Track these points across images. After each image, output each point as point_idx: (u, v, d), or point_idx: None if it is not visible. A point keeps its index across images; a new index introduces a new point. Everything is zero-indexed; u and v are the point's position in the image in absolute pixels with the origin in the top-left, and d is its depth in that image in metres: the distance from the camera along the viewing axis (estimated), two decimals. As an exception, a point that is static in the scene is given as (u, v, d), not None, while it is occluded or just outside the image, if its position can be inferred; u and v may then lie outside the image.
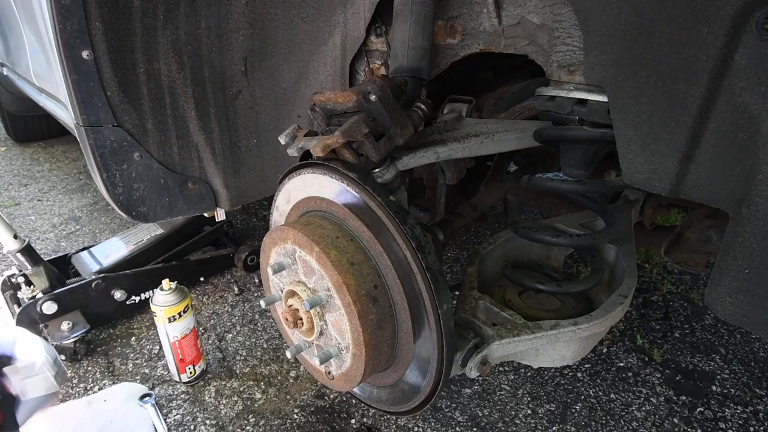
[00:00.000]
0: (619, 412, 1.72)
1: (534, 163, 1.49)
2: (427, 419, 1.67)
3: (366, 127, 0.83)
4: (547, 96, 0.90)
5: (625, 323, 2.16)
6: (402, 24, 0.98)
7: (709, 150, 0.69)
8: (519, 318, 1.00)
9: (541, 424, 1.67)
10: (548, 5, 0.87)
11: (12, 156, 4.24)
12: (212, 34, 1.23)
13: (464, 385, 1.82)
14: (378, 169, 0.91)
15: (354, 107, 0.85)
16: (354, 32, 1.12)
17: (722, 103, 0.66)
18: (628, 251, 1.21)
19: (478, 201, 1.33)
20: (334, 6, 1.14)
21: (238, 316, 2.18)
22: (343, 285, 0.82)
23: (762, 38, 0.60)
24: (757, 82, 0.62)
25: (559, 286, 1.12)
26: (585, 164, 0.98)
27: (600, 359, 1.96)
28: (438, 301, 0.79)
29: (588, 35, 0.76)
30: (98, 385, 1.79)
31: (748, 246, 0.67)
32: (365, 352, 0.84)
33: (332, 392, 1.77)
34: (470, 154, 1.01)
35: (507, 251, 1.28)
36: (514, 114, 1.18)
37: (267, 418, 1.66)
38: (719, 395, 1.80)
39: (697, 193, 0.73)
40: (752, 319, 0.70)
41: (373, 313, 0.84)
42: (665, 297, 2.35)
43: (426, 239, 0.82)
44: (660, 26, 0.68)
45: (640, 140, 0.75)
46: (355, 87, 0.85)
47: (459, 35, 1.04)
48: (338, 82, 1.21)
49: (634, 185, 0.79)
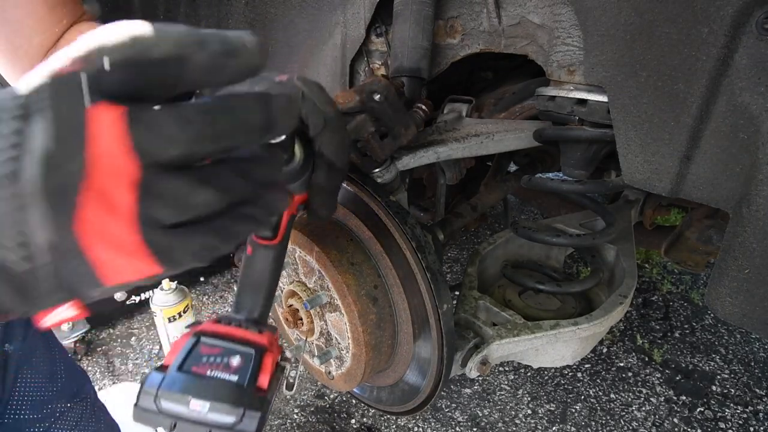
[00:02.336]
0: (619, 412, 1.72)
1: (534, 163, 1.49)
2: (427, 419, 1.67)
3: (372, 126, 0.83)
4: (547, 96, 0.90)
5: (625, 323, 2.16)
6: (402, 24, 0.98)
7: (709, 150, 0.69)
8: (519, 318, 1.00)
9: (541, 424, 1.67)
10: (548, 5, 0.87)
11: (12, 156, 4.23)
12: (212, 34, 1.23)
13: (464, 385, 1.82)
14: (378, 169, 0.91)
15: (356, 107, 0.85)
16: (354, 32, 1.12)
17: (722, 103, 0.66)
18: (628, 251, 1.21)
19: (478, 201, 1.33)
20: (334, 6, 1.14)
21: (238, 316, 2.19)
22: (343, 285, 0.82)
23: (762, 38, 0.60)
24: (757, 82, 0.62)
25: (559, 286, 1.12)
26: (585, 164, 0.98)
27: (600, 359, 1.96)
28: (438, 301, 0.79)
29: (588, 35, 0.76)
30: (98, 385, 1.79)
31: (748, 246, 0.67)
32: (365, 352, 0.84)
33: (332, 392, 1.77)
34: (470, 154, 1.01)
35: (507, 251, 1.28)
36: (514, 114, 1.18)
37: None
38: (719, 395, 1.80)
39: (697, 193, 0.73)
40: (752, 319, 0.70)
41: (373, 313, 0.84)
42: (665, 297, 2.35)
43: (426, 239, 0.82)
44: (660, 26, 0.68)
45: (640, 140, 0.75)
46: (357, 87, 0.85)
47: (459, 35, 1.04)
48: (338, 82, 1.21)
49: (634, 185, 0.79)
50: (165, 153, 0.33)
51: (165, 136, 0.33)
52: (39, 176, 0.31)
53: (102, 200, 0.32)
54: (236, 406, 0.48)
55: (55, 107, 0.31)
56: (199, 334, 0.56)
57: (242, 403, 0.48)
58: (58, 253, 0.33)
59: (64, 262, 0.34)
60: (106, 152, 0.31)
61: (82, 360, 1.90)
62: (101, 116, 0.31)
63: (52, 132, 0.31)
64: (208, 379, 0.50)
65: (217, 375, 0.51)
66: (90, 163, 0.31)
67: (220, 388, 0.50)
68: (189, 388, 0.49)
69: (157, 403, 0.48)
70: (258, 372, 0.52)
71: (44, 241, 0.33)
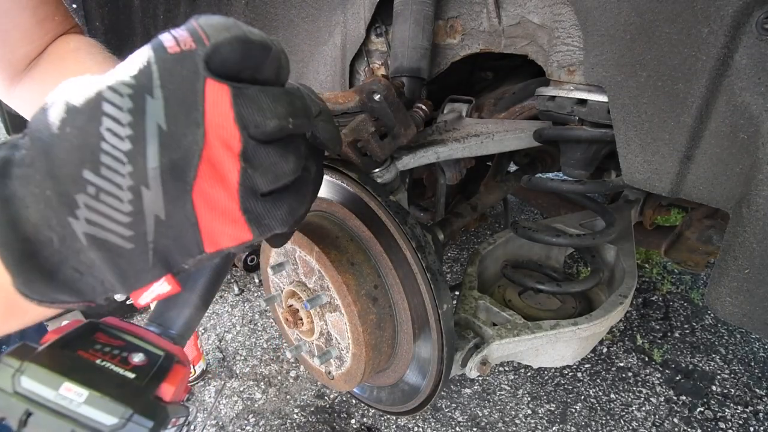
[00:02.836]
0: (619, 412, 1.72)
1: (534, 163, 1.49)
2: (427, 419, 1.67)
3: (372, 126, 0.83)
4: (547, 96, 0.90)
5: (625, 323, 2.16)
6: (402, 24, 0.98)
7: (709, 150, 0.69)
8: (519, 318, 1.00)
9: (541, 424, 1.67)
10: (548, 5, 0.87)
11: (12, 156, 4.23)
12: (212, 34, 1.23)
13: (464, 385, 1.82)
14: (378, 169, 0.91)
15: (356, 107, 0.85)
16: (354, 32, 1.12)
17: (722, 103, 0.66)
18: (628, 251, 1.21)
19: (478, 201, 1.33)
20: (334, 6, 1.13)
21: (238, 316, 2.19)
22: (343, 285, 0.82)
23: (762, 38, 0.60)
24: (757, 82, 0.62)
25: (559, 286, 1.12)
26: (585, 164, 0.98)
27: (600, 359, 1.96)
28: (438, 301, 0.79)
29: (588, 35, 0.76)
30: (98, 385, 1.79)
31: (748, 246, 0.67)
32: (365, 352, 0.84)
33: (332, 392, 1.77)
34: (470, 154, 1.01)
35: (507, 251, 1.28)
36: (514, 114, 1.18)
37: (267, 418, 1.66)
38: (719, 395, 1.80)
39: (697, 193, 0.73)
40: (752, 319, 0.70)
41: (373, 313, 0.84)
42: (665, 297, 2.35)
43: (426, 239, 0.82)
44: (660, 26, 0.68)
45: (640, 140, 0.75)
46: (357, 87, 0.85)
47: (459, 35, 1.04)
48: (338, 82, 1.21)
49: (634, 185, 0.79)
50: (263, 125, 0.36)
51: (263, 111, 0.35)
52: (158, 154, 0.32)
53: (214, 170, 0.35)
54: (123, 405, 0.37)
55: (172, 84, 0.33)
56: (99, 323, 0.45)
57: (132, 404, 0.37)
58: (172, 225, 0.35)
59: (174, 232, 0.35)
60: (218, 124, 0.34)
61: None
62: (213, 91, 0.34)
63: (171, 108, 0.33)
64: (95, 367, 0.39)
65: (109, 366, 0.40)
66: (207, 135, 0.34)
67: (108, 380, 0.38)
68: (67, 369, 0.37)
69: (15, 381, 0.37)
70: (163, 378, 0.41)
71: (162, 214, 0.34)
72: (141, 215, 0.34)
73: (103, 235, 0.34)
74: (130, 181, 0.33)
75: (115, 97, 0.32)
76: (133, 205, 0.33)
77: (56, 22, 0.82)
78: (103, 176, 0.32)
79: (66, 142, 0.32)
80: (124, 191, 0.33)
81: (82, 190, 0.32)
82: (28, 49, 0.79)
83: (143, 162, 0.33)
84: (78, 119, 0.32)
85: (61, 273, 0.35)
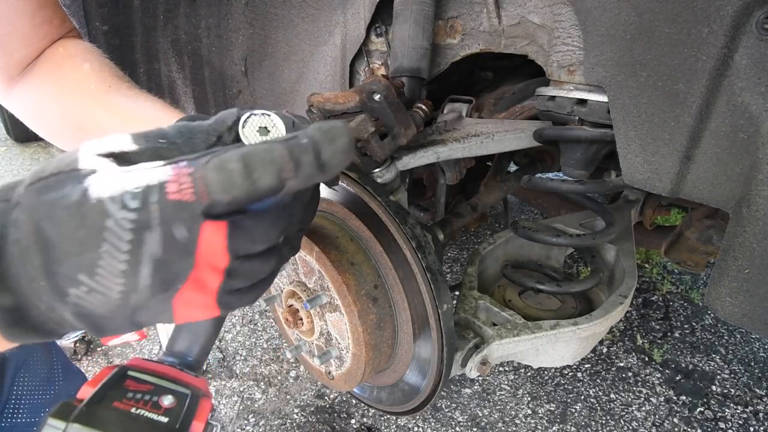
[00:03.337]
0: (619, 412, 1.72)
1: (534, 163, 1.49)
2: (427, 419, 1.67)
3: (372, 126, 0.83)
4: (547, 96, 0.90)
5: (625, 323, 2.16)
6: (402, 24, 0.98)
7: (709, 150, 0.69)
8: (519, 318, 1.00)
9: (541, 424, 1.67)
10: (548, 5, 0.87)
11: (12, 156, 4.24)
12: (212, 34, 1.23)
13: (464, 385, 1.82)
14: (378, 169, 0.91)
15: (356, 107, 0.85)
16: (354, 32, 1.12)
17: (722, 103, 0.66)
18: (628, 251, 1.21)
19: (478, 201, 1.33)
20: (334, 6, 1.13)
21: (238, 316, 2.18)
22: (343, 285, 0.82)
23: (762, 38, 0.60)
24: (757, 82, 0.62)
25: (559, 286, 1.12)
26: (585, 164, 0.98)
27: (600, 359, 1.96)
28: (438, 301, 0.79)
29: (588, 35, 0.76)
30: (98, 385, 1.79)
31: (748, 246, 0.67)
32: (365, 352, 0.84)
33: (332, 392, 1.77)
34: (470, 154, 1.01)
35: (507, 251, 1.28)
36: (514, 114, 1.18)
37: (267, 418, 1.66)
38: (719, 395, 1.80)
39: (697, 193, 0.73)
40: (752, 319, 0.70)
41: (373, 313, 0.84)
42: (665, 297, 2.35)
43: (426, 239, 0.82)
44: (660, 26, 0.68)
45: (640, 140, 0.75)
46: (357, 87, 0.85)
47: (459, 35, 1.04)
48: (338, 82, 1.21)
49: (634, 185, 0.79)
50: (252, 250, 0.41)
51: (254, 241, 0.40)
52: (150, 276, 0.37)
53: (198, 284, 0.40)
54: None
55: (171, 224, 0.37)
56: (126, 368, 0.49)
57: None
58: (150, 309, 0.40)
59: (151, 313, 0.40)
60: (209, 253, 0.38)
61: (81, 360, 1.90)
62: (209, 230, 0.38)
63: (167, 242, 0.37)
64: (131, 416, 0.43)
65: (144, 414, 0.43)
66: (197, 262, 0.38)
67: (145, 428, 0.42)
68: (107, 425, 0.41)
69: None
70: (192, 416, 0.45)
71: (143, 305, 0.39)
72: (126, 306, 0.38)
73: (88, 311, 0.37)
74: (121, 288, 0.36)
75: (120, 222, 0.35)
76: (121, 300, 0.37)
77: (54, 26, 0.82)
78: (97, 281, 0.36)
79: (66, 247, 0.35)
80: (114, 293, 0.36)
81: (74, 286, 0.36)
82: (25, 52, 0.80)
83: (136, 279, 0.36)
84: (80, 232, 0.35)
85: (43, 327, 0.39)
